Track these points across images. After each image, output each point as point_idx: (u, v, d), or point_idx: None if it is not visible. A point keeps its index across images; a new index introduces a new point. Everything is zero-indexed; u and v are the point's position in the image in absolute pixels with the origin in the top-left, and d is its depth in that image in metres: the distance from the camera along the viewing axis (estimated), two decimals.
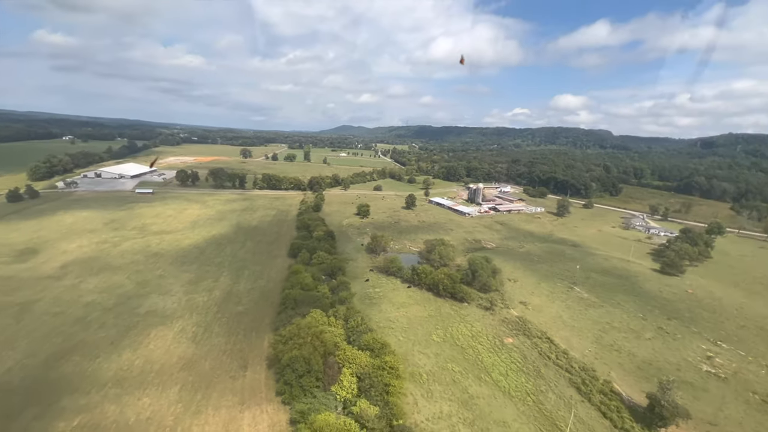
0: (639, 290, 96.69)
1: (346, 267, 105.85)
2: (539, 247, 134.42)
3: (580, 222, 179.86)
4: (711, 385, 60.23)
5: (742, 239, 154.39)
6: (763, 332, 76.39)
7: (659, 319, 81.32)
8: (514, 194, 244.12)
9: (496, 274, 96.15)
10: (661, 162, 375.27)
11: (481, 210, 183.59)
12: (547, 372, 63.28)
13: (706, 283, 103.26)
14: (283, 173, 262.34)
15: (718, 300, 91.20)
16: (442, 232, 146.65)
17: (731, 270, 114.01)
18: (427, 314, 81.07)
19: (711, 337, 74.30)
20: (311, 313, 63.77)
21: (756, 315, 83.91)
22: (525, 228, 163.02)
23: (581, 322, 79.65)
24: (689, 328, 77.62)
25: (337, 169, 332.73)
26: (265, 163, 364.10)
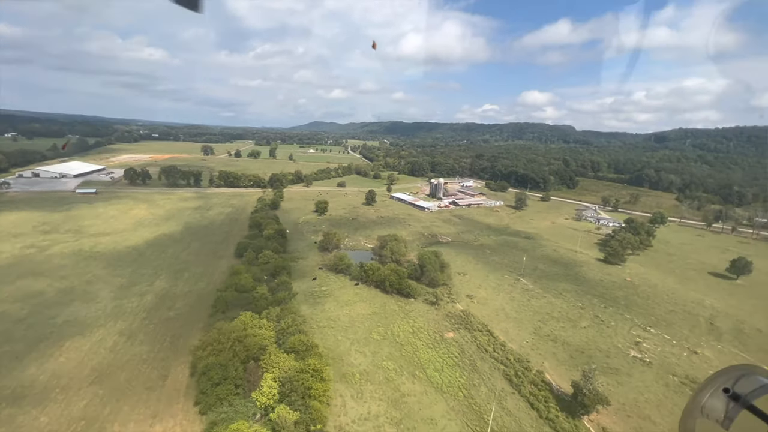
0: (582, 279, 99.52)
1: (295, 266, 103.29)
2: (493, 240, 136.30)
3: (536, 214, 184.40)
4: (636, 370, 62.24)
5: (683, 228, 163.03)
6: (689, 316, 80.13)
7: (597, 307, 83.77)
8: (477, 188, 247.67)
9: (444, 269, 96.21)
10: (616, 155, 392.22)
11: (441, 204, 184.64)
12: (483, 365, 63.44)
13: (645, 270, 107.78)
14: (244, 170, 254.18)
15: (653, 287, 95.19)
16: (399, 228, 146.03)
17: (669, 257, 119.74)
18: (371, 311, 79.76)
19: (642, 323, 77.14)
20: (240, 316, 60.86)
21: (685, 300, 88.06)
22: (482, 221, 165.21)
23: (523, 314, 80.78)
24: (623, 315, 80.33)
25: (302, 165, 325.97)
26: (227, 160, 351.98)
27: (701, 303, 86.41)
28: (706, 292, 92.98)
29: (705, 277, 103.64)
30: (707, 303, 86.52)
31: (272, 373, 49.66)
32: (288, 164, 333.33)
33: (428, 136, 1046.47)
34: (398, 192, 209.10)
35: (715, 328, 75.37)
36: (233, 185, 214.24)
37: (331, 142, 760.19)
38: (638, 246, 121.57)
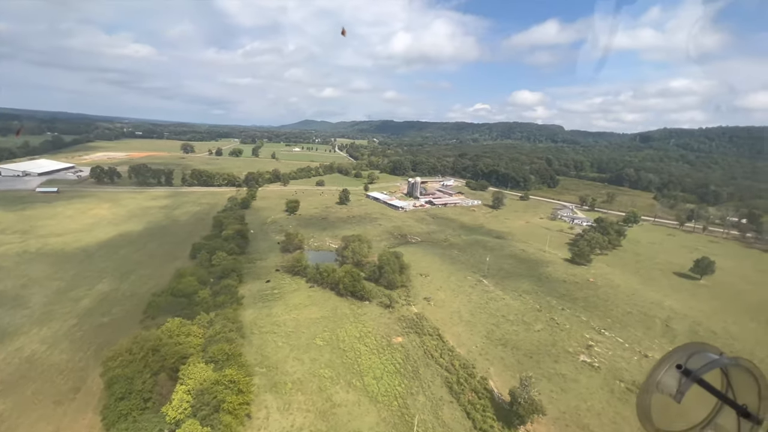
0: (545, 280, 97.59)
1: (252, 267, 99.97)
2: (464, 240, 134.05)
3: (513, 214, 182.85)
4: (583, 376, 60.11)
5: (656, 227, 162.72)
6: (646, 318, 78.49)
7: (555, 309, 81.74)
8: (457, 187, 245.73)
9: (404, 270, 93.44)
10: (600, 155, 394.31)
11: (417, 204, 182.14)
12: (426, 372, 60.78)
13: (610, 270, 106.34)
14: (222, 169, 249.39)
15: (614, 287, 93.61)
16: (369, 227, 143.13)
17: (636, 257, 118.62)
18: (320, 315, 76.67)
19: (597, 325, 75.25)
20: (167, 323, 57.31)
21: (645, 301, 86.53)
22: (457, 220, 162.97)
23: (478, 317, 78.37)
24: (579, 317, 78.39)
25: (283, 164, 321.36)
26: (207, 158, 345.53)
27: (660, 304, 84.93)
28: (668, 293, 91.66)
29: (669, 278, 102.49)
30: (666, 304, 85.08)
31: (187, 385, 46.28)
32: (269, 163, 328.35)
33: (418, 135, 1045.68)
34: (375, 191, 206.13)
35: (670, 330, 73.77)
36: (207, 184, 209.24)
37: (319, 140, 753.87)
38: (606, 246, 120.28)
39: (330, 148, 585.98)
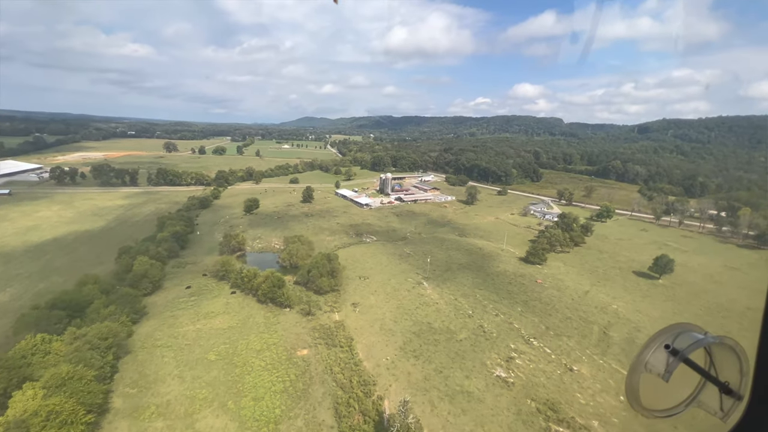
0: (490, 282, 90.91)
1: (179, 272, 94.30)
2: (422, 238, 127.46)
3: (485, 209, 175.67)
4: (491, 394, 53.66)
5: (633, 222, 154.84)
6: (585, 324, 71.76)
7: (488, 314, 75.18)
8: (435, 183, 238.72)
9: (335, 274, 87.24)
10: (592, 147, 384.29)
11: (384, 201, 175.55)
12: (317, 391, 54.62)
13: (565, 270, 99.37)
14: (201, 167, 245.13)
15: (562, 290, 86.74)
16: (325, 226, 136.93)
17: (598, 255, 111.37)
18: (229, 326, 70.73)
19: (528, 333, 68.62)
20: (23, 341, 51.61)
21: (590, 304, 79.71)
22: (422, 217, 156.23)
23: (401, 324, 72.01)
24: (512, 324, 71.78)
25: (266, 162, 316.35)
26: (187, 157, 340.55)
27: (606, 308, 78.04)
28: (619, 295, 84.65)
29: (626, 277, 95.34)
30: (613, 308, 78.18)
31: (6, 416, 40.47)
32: (251, 161, 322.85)
33: (416, 129, 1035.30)
34: (346, 188, 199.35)
35: (606, 339, 67.01)
36: (174, 184, 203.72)
37: (313, 137, 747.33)
38: (566, 243, 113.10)
39: (322, 145, 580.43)
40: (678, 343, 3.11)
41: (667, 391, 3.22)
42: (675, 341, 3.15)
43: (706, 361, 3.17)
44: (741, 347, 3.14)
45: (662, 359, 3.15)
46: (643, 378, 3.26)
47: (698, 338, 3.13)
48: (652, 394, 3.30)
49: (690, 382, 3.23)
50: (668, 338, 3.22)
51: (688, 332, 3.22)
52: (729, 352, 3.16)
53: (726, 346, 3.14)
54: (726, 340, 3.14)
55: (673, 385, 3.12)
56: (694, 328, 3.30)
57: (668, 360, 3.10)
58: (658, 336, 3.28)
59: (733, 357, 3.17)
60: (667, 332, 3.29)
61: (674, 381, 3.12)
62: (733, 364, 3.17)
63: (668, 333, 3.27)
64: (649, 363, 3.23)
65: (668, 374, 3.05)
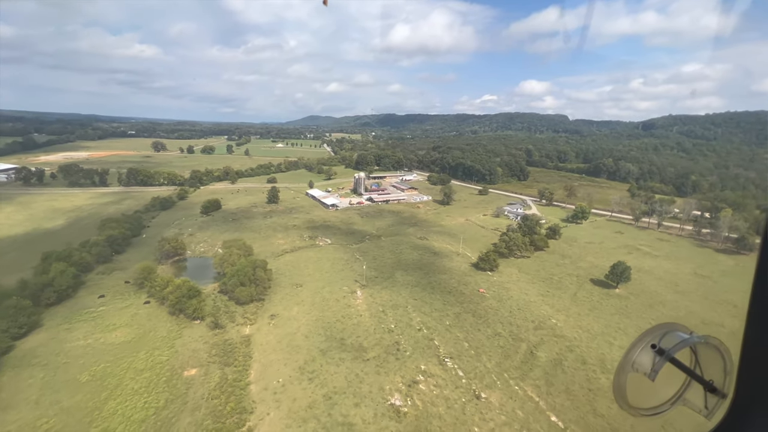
0: (429, 291, 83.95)
1: (103, 279, 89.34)
2: (379, 242, 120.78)
3: (460, 210, 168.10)
4: (375, 428, 47.04)
5: (611, 223, 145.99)
6: (513, 342, 64.55)
7: (411, 329, 68.47)
8: (418, 182, 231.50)
9: (259, 282, 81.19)
10: (589, 145, 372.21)
11: (354, 201, 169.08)
12: (183, 420, 48.64)
13: (516, 278, 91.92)
14: (182, 168, 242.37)
15: (503, 301, 79.47)
16: (280, 230, 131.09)
17: (559, 261, 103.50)
18: (124, 340, 65.21)
19: (446, 352, 61.79)
20: None
21: (528, 318, 72.41)
22: (389, 219, 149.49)
23: (312, 340, 65.73)
24: (433, 341, 64.95)
25: (253, 161, 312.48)
26: (174, 157, 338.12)
27: (544, 323, 70.68)
28: (565, 307, 77.09)
29: (582, 286, 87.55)
30: (552, 322, 70.78)
31: None
32: (237, 160, 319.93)
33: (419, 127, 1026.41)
34: (317, 189, 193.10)
35: (531, 360, 59.82)
36: (146, 184, 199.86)
37: (312, 136, 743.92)
38: (526, 248, 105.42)
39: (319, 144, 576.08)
40: (664, 343, 3.14)
41: (653, 390, 3.26)
42: (661, 341, 3.16)
43: (691, 360, 3.20)
44: (725, 347, 3.15)
45: (649, 359, 3.16)
46: (630, 377, 3.26)
47: (684, 338, 3.15)
48: (638, 393, 3.30)
49: (676, 380, 3.26)
50: (654, 338, 3.22)
51: (674, 332, 3.22)
52: (714, 351, 3.18)
53: (711, 346, 3.16)
54: (711, 340, 3.15)
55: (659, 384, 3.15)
56: (680, 327, 3.26)
57: (654, 359, 3.11)
58: (645, 336, 3.25)
59: (717, 356, 3.18)
60: (654, 332, 3.26)
61: (660, 380, 3.12)
62: (718, 364, 3.18)
63: (654, 333, 3.25)
64: (636, 362, 3.22)
65: (654, 373, 3.09)
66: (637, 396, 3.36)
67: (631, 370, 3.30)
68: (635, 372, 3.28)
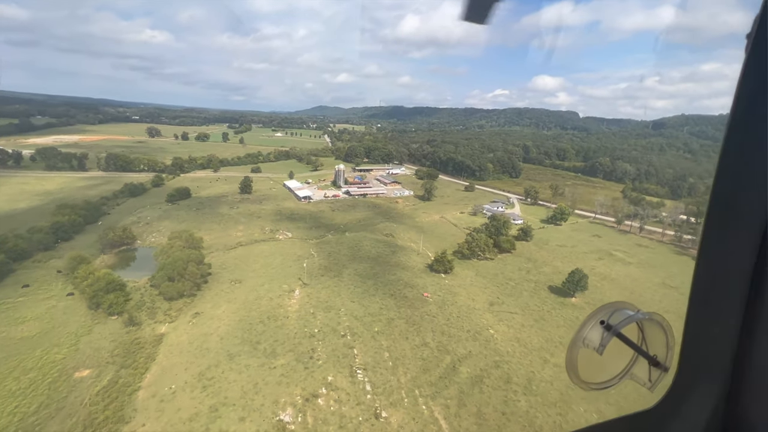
0: (373, 292, 78.85)
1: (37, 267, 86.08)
2: (343, 237, 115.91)
3: (438, 207, 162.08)
4: None
5: (592, 225, 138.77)
6: (438, 353, 59.29)
7: (335, 335, 63.73)
8: (405, 176, 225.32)
9: (189, 278, 77.02)
10: (589, 143, 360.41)
11: (328, 194, 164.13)
12: (49, 429, 44.71)
13: (470, 282, 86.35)
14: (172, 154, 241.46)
15: (446, 307, 74.15)
16: (243, 221, 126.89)
17: (523, 265, 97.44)
18: (27, 335, 61.71)
19: (362, 362, 56.93)
20: None
21: (465, 327, 67.03)
22: (361, 214, 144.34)
23: (227, 342, 61.42)
24: (353, 349, 60.10)
25: (245, 149, 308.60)
26: (167, 142, 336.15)
27: (480, 334, 65.28)
28: (509, 317, 71.50)
29: (537, 294, 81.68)
30: (488, 334, 65.36)
31: None
32: (229, 148, 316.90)
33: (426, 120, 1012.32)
34: (296, 180, 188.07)
35: (451, 375, 54.56)
36: (125, 170, 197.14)
37: (315, 126, 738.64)
38: (489, 249, 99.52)
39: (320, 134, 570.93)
40: (612, 320, 3.29)
41: (602, 364, 3.43)
42: (610, 318, 3.32)
43: (638, 337, 3.38)
44: (668, 323, 3.33)
45: (598, 334, 3.31)
46: (581, 353, 3.40)
47: (630, 315, 3.31)
48: (589, 367, 3.47)
49: (624, 356, 3.45)
50: (604, 315, 3.36)
51: (622, 309, 3.37)
52: (658, 328, 3.36)
53: (655, 322, 3.35)
54: (655, 317, 3.35)
55: (607, 358, 3.32)
56: (628, 306, 3.41)
57: (603, 335, 3.27)
58: (595, 313, 3.41)
59: (661, 333, 3.37)
60: (603, 309, 3.41)
61: (609, 355, 3.28)
62: (661, 339, 3.37)
63: (604, 310, 3.40)
64: (587, 338, 3.37)
65: (602, 348, 3.25)
66: (588, 371, 3.47)
67: (582, 345, 3.39)
68: (585, 347, 3.37)
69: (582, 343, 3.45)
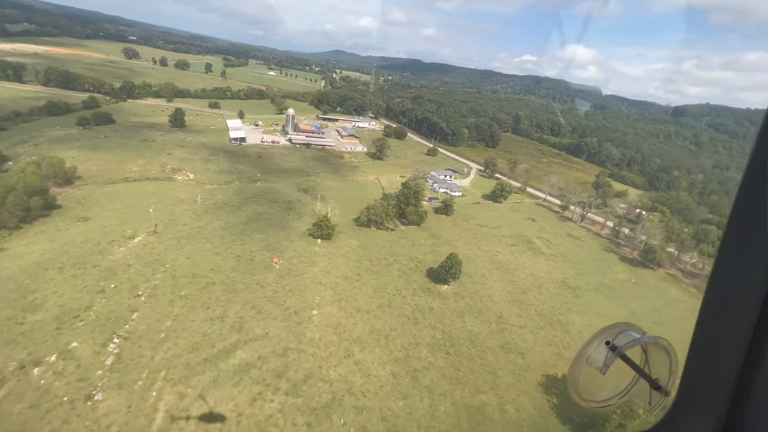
0: (215, 253, 69.86)
1: None
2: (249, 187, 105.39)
3: (385, 167, 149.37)
4: None
5: (537, 207, 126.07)
6: (225, 332, 50.68)
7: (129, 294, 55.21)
8: (373, 132, 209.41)
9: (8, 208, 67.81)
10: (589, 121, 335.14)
11: (266, 139, 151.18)
12: None
13: (343, 253, 76.28)
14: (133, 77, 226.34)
15: (288, 278, 64.71)
16: (150, 155, 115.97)
17: (418, 241, 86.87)
18: None
19: (132, 329, 48.58)
20: None
21: (286, 305, 58.07)
22: (293, 166, 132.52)
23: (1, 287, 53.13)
24: (134, 313, 51.62)
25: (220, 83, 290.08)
26: (142, 66, 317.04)
27: (298, 313, 56.36)
28: (352, 297, 62.28)
29: (410, 275, 71.95)
30: (308, 315, 56.47)
31: None
32: (205, 79, 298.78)
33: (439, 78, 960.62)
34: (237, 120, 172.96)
35: (219, 360, 46.22)
36: (66, 87, 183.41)
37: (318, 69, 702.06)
38: (389, 219, 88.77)
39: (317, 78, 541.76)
40: (618, 341, 3.26)
41: (603, 383, 3.42)
42: (615, 338, 3.28)
43: (642, 359, 3.36)
44: (672, 348, 3.33)
45: (602, 354, 3.27)
46: (584, 371, 3.41)
47: (636, 337, 3.30)
48: (590, 386, 3.48)
49: (625, 377, 3.43)
50: (610, 335, 3.33)
51: (627, 331, 3.36)
52: (662, 352, 3.34)
53: (660, 346, 3.33)
54: (660, 341, 3.33)
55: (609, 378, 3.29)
56: (634, 327, 3.40)
57: (607, 355, 3.23)
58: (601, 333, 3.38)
59: (665, 357, 3.35)
60: (609, 330, 3.38)
61: (611, 375, 3.25)
62: (664, 363, 3.36)
63: (609, 331, 3.37)
64: (590, 357, 3.36)
65: (605, 368, 3.22)
66: (589, 389, 3.48)
67: (585, 364, 3.35)
68: (589, 366, 3.33)
69: (585, 361, 3.37)
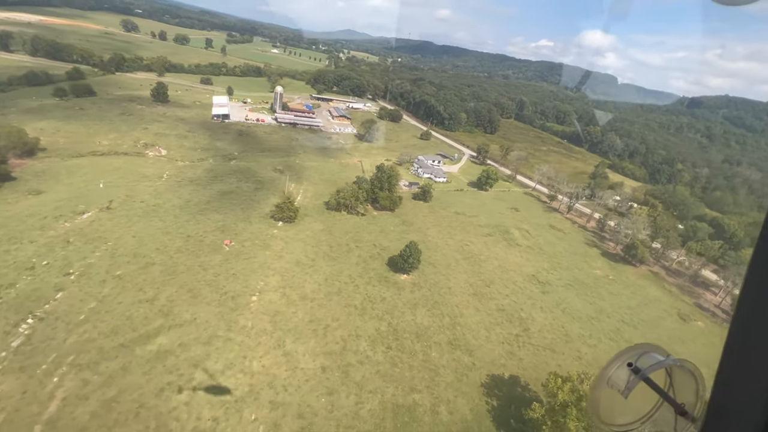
0: (166, 233, 67.09)
1: None
2: (222, 165, 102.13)
3: (372, 149, 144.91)
4: None
5: (523, 196, 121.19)
6: (151, 314, 48.13)
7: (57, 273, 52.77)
8: (368, 113, 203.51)
9: None
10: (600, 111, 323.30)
11: (250, 117, 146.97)
12: None
13: (304, 236, 73.11)
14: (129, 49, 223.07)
15: (237, 260, 61.84)
16: (125, 129, 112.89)
17: (387, 228, 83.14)
18: None
19: (45, 311, 46.26)
20: None
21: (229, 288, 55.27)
22: (277, 144, 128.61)
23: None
24: (60, 292, 49.29)
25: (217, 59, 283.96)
26: (140, 39, 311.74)
27: (236, 298, 53.58)
28: (299, 284, 59.26)
29: (370, 263, 68.57)
30: (250, 301, 53.66)
31: None
32: (202, 54, 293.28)
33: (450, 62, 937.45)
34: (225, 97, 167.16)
35: (134, 348, 43.75)
36: (54, 57, 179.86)
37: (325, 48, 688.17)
38: (359, 204, 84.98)
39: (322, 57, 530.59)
40: (640, 363, 3.12)
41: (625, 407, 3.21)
42: (638, 360, 3.15)
43: (666, 382, 3.17)
44: (699, 372, 3.13)
45: (624, 377, 3.13)
46: (605, 393, 3.24)
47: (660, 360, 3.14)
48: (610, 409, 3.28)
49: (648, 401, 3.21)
50: (632, 357, 3.19)
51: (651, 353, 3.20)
52: (688, 375, 3.15)
53: (686, 370, 3.14)
54: (686, 364, 3.14)
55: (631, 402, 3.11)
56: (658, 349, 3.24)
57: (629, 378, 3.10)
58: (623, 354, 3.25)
59: (691, 381, 3.15)
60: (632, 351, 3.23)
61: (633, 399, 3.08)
62: (690, 388, 3.15)
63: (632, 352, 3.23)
64: (611, 379, 3.20)
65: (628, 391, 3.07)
66: (609, 412, 3.29)
67: (606, 386, 3.21)
68: (610, 388, 3.19)
69: (606, 383, 3.22)
